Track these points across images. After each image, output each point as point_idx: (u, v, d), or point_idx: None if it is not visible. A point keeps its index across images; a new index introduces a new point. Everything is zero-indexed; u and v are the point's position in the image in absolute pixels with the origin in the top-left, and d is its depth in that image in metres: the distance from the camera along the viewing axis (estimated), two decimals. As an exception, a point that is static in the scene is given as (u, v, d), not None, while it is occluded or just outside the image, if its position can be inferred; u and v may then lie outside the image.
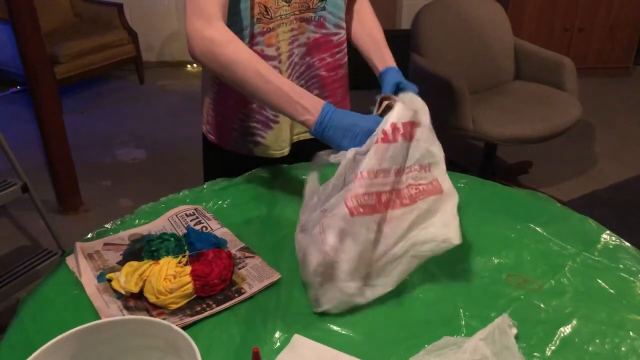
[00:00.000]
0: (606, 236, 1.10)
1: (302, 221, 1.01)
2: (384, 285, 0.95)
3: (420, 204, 0.94)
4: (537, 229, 1.13)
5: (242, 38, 1.19)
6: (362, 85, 1.38)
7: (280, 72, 1.26)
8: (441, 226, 0.95)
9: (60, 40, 4.11)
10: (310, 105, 1.02)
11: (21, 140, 3.61)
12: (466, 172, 1.36)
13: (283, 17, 1.22)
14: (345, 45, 1.35)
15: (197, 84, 4.68)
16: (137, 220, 1.19)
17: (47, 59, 2.67)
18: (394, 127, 0.93)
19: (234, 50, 1.05)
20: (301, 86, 1.30)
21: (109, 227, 1.17)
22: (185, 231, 1.11)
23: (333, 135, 1.00)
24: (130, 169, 3.41)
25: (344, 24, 1.32)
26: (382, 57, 1.29)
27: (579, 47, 4.35)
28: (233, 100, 1.32)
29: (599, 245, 1.08)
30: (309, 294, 0.96)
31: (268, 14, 1.20)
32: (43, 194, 2.78)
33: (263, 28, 1.21)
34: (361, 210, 0.90)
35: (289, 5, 1.21)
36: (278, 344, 0.87)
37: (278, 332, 0.89)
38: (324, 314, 0.93)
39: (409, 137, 0.95)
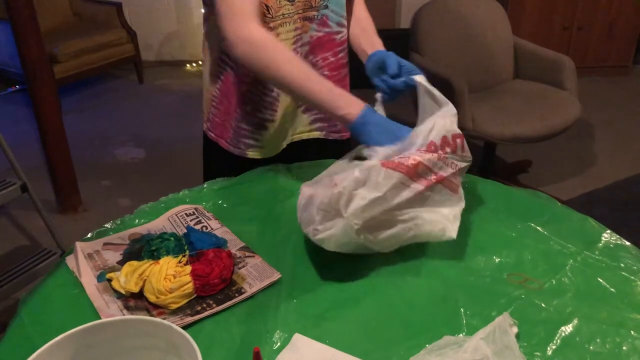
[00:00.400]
0: (607, 235, 1.10)
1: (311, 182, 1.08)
2: (376, 239, 1.00)
3: (437, 189, 1.01)
4: (538, 228, 1.13)
5: None
6: (361, 85, 1.39)
7: None
8: (445, 217, 1.01)
9: (59, 40, 4.10)
10: (352, 102, 1.09)
11: (20, 140, 3.61)
12: (466, 171, 1.36)
13: (286, 16, 1.22)
14: (346, 44, 1.36)
15: (196, 83, 4.68)
16: (137, 220, 1.18)
17: (46, 58, 2.67)
18: (444, 140, 1.01)
19: (273, 51, 1.10)
20: None
21: (109, 226, 1.16)
22: (185, 231, 1.11)
23: (372, 130, 1.06)
24: (129, 169, 3.41)
25: (345, 23, 1.32)
26: (371, 43, 1.30)
27: (578, 46, 4.35)
28: (234, 98, 1.32)
29: (600, 245, 1.08)
30: (306, 231, 1.01)
31: (269, 13, 1.20)
32: (42, 193, 2.78)
33: (264, 27, 1.21)
34: (391, 165, 0.96)
35: (292, 5, 1.21)
36: (278, 343, 0.87)
37: (278, 332, 0.89)
38: (323, 314, 0.93)
39: (454, 148, 1.02)
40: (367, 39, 1.32)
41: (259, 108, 1.32)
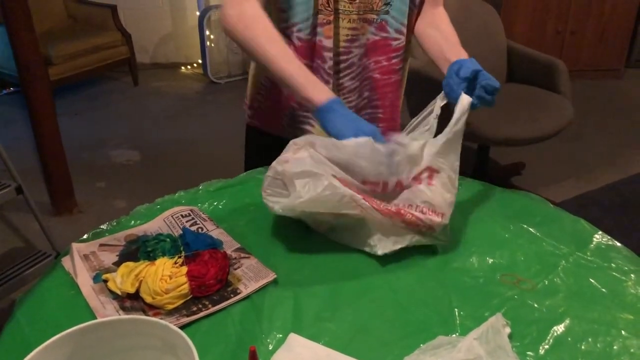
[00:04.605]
0: (598, 236, 1.11)
1: None
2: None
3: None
4: (531, 229, 1.14)
5: (303, 28, 1.25)
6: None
7: (330, 66, 1.29)
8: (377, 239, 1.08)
9: (54, 42, 4.10)
10: (323, 90, 1.12)
11: (15, 142, 3.60)
12: (460, 174, 1.36)
13: (342, 12, 1.25)
14: (402, 51, 1.35)
15: (191, 86, 4.69)
16: (132, 221, 1.19)
17: (41, 60, 2.67)
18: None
19: (258, 28, 1.14)
20: (355, 87, 1.34)
21: (105, 228, 1.17)
22: (181, 232, 1.11)
23: (336, 119, 1.08)
24: (124, 171, 3.40)
25: (404, 30, 1.32)
26: (457, 52, 1.25)
27: (571, 49, 4.38)
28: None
29: (592, 246, 1.09)
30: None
31: (329, 6, 1.23)
32: (37, 195, 2.77)
33: (324, 19, 1.24)
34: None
35: (350, 3, 1.24)
36: (274, 343, 0.88)
37: (274, 332, 0.90)
38: (318, 314, 0.94)
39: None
40: (452, 48, 1.28)
41: None
